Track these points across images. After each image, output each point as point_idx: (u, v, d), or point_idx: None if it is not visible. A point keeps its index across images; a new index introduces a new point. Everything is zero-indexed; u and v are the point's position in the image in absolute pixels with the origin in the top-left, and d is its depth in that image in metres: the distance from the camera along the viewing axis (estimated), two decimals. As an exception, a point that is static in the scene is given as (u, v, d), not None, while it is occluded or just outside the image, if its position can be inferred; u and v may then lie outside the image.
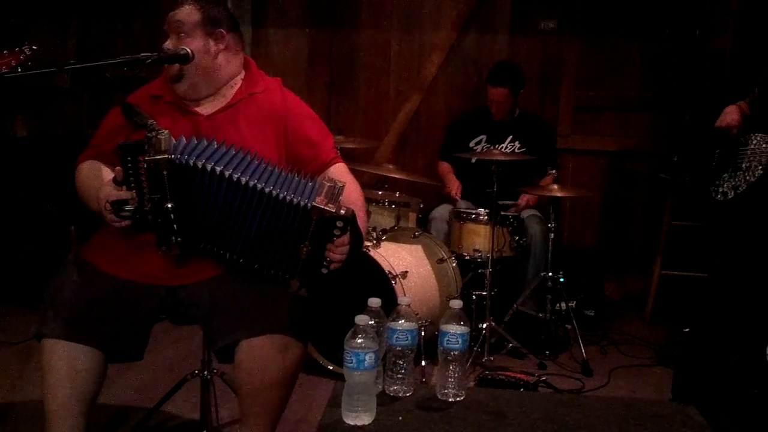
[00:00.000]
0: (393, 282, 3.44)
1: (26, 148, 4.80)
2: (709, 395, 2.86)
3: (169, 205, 2.10)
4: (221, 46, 2.40)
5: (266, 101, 2.45)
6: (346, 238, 2.13)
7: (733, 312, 3.09)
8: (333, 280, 2.17)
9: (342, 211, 2.10)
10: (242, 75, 2.48)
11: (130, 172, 2.09)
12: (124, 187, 2.12)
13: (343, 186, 2.14)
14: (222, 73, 2.42)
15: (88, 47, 5.29)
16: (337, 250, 2.14)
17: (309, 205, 2.09)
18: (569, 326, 4.03)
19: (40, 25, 5.17)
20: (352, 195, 2.36)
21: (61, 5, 5.18)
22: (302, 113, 2.50)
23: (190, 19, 2.35)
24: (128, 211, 2.11)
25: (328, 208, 2.08)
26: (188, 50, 2.32)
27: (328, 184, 2.12)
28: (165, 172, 2.07)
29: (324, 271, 2.15)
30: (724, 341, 3.01)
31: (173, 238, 2.14)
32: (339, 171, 2.47)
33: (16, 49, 2.64)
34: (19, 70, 2.53)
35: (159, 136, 2.07)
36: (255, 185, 2.11)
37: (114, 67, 2.28)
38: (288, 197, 2.10)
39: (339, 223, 2.09)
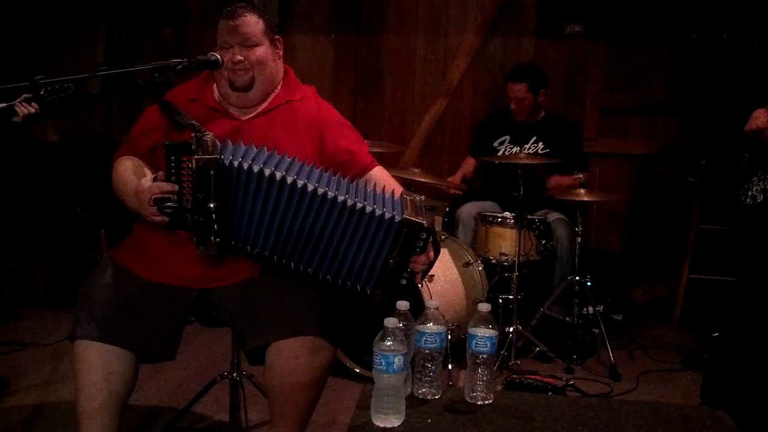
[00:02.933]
0: (419, 285, 3.44)
1: (57, 152, 4.87)
2: (738, 400, 2.83)
3: (212, 205, 2.12)
4: (280, 52, 2.47)
5: (302, 109, 2.47)
6: (430, 248, 2.14)
7: (763, 316, 3.06)
8: (410, 289, 2.16)
9: (427, 224, 2.11)
10: (281, 82, 2.51)
11: (173, 171, 2.13)
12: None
13: (423, 199, 2.18)
14: (277, 79, 2.48)
15: (118, 52, 5.35)
16: (421, 261, 2.13)
17: (399, 218, 2.08)
18: (596, 330, 4.01)
19: (69, 30, 5.25)
20: (388, 180, 2.43)
21: (91, 11, 5.24)
22: (337, 123, 2.53)
23: (258, 29, 2.38)
24: (171, 207, 2.13)
25: (418, 221, 2.08)
26: (218, 56, 2.35)
27: (409, 198, 2.15)
28: (212, 172, 2.10)
29: (403, 282, 2.14)
30: (753, 345, 2.98)
31: (212, 238, 2.15)
32: (380, 173, 2.51)
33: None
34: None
35: (205, 137, 2.11)
36: (326, 193, 2.11)
37: (144, 73, 2.31)
38: (372, 209, 2.10)
39: (423, 235, 2.10)
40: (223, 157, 2.11)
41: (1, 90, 2.30)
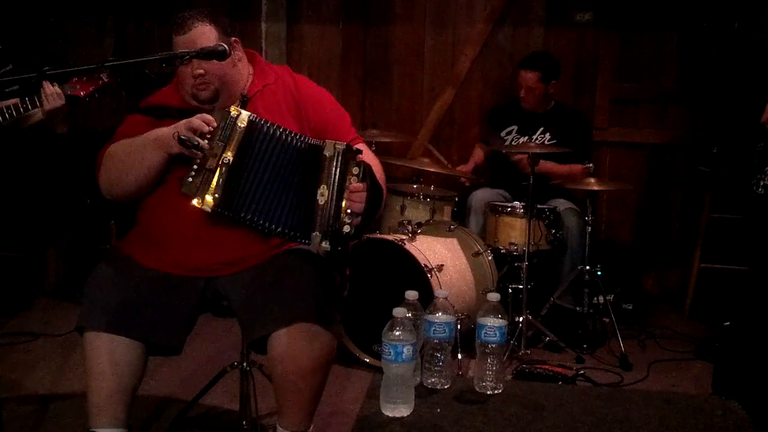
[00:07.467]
0: (429, 275, 3.44)
1: (66, 144, 4.88)
2: (750, 389, 2.82)
3: (230, 156, 2.18)
4: (239, 54, 2.43)
5: (280, 89, 2.47)
6: (362, 185, 2.14)
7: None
8: (355, 237, 2.21)
9: (356, 147, 2.19)
10: (251, 69, 2.49)
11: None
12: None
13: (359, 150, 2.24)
14: (241, 80, 2.45)
15: (125, 44, 5.35)
16: (355, 197, 2.13)
17: (322, 142, 2.17)
18: (607, 320, 4.00)
19: (77, 22, 5.25)
20: (374, 166, 2.38)
21: (99, 2, 5.25)
22: (318, 98, 2.52)
23: (212, 38, 2.33)
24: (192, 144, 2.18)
25: (339, 144, 2.16)
26: (225, 46, 2.32)
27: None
28: (242, 125, 2.19)
29: (347, 229, 2.15)
30: (765, 335, 2.97)
31: (213, 195, 2.18)
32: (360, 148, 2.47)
33: (94, 76, 2.83)
34: (96, 95, 2.74)
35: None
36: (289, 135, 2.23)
37: (152, 64, 2.30)
38: (303, 140, 2.21)
39: (355, 170, 2.14)
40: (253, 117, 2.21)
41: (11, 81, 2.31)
